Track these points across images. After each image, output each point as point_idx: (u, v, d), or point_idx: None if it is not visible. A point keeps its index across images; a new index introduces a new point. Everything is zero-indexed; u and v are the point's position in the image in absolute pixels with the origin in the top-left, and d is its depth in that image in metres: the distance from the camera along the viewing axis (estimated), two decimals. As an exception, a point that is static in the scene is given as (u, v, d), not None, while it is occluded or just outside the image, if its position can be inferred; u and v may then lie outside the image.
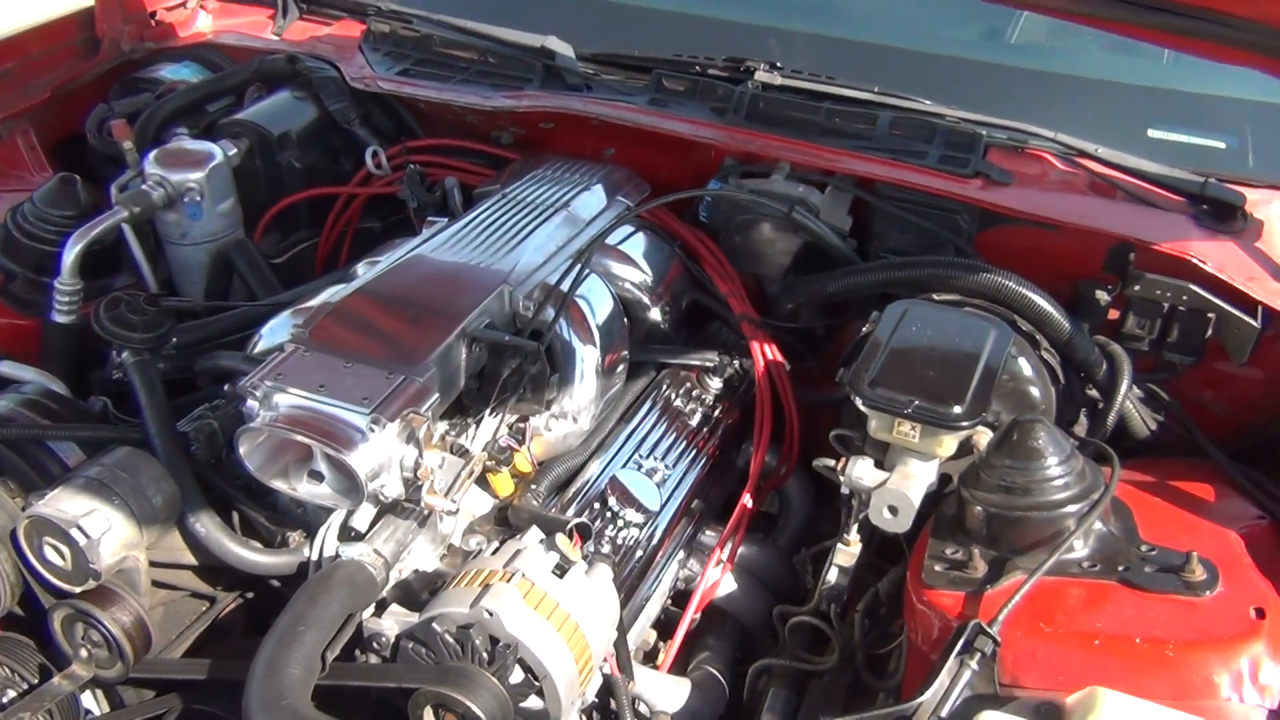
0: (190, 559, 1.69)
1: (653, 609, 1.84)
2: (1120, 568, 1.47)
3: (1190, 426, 1.89)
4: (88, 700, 1.76)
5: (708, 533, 1.96)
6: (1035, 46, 2.34)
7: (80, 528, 1.48)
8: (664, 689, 1.73)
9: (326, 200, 2.38)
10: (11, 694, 1.73)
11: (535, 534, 1.52)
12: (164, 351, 1.81)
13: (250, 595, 1.80)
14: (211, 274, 2.19)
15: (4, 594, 1.61)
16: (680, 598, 1.91)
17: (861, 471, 1.64)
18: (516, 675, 1.38)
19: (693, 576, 1.91)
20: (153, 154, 2.14)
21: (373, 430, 1.49)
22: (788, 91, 2.17)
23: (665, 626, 1.89)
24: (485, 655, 1.37)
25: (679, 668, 1.87)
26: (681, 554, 1.91)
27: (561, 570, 1.46)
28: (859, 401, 1.63)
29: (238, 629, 1.78)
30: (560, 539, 1.49)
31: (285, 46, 2.56)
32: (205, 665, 1.59)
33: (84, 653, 1.58)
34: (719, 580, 1.90)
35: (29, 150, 2.39)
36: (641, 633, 1.83)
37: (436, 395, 1.59)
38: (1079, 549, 1.50)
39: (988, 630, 1.38)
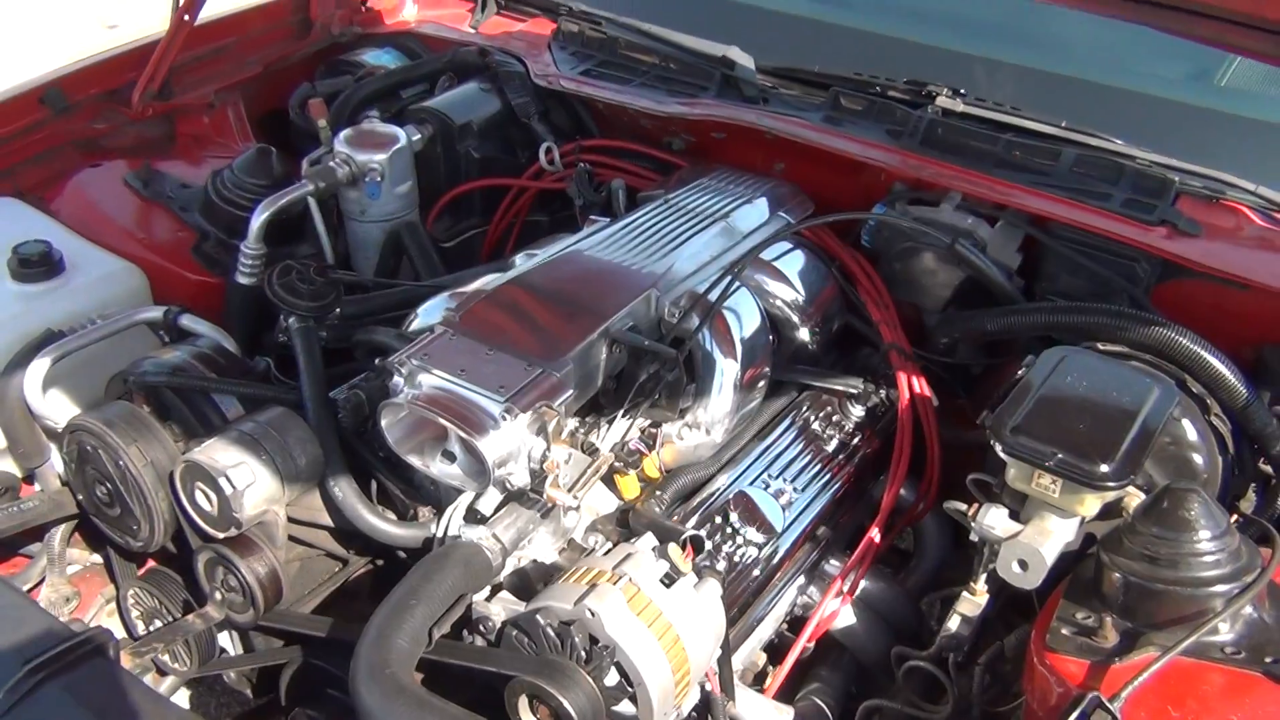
0: (327, 520, 1.77)
1: (765, 631, 1.82)
2: (1268, 659, 1.37)
3: (1372, 514, 1.73)
4: (224, 640, 1.88)
5: (832, 562, 1.92)
6: (1246, 91, 2.19)
7: (228, 477, 1.58)
8: (764, 713, 1.70)
9: (499, 190, 2.46)
10: (158, 624, 1.86)
11: (649, 540, 1.52)
12: (328, 320, 1.91)
13: (380, 563, 1.88)
14: (384, 251, 2.30)
15: (159, 530, 1.74)
16: (797, 624, 1.88)
17: (994, 520, 1.57)
18: (612, 678, 1.39)
19: (811, 604, 1.87)
20: (343, 133, 2.25)
21: (505, 419, 1.52)
22: (968, 119, 2.11)
23: (778, 651, 1.87)
24: (584, 653, 1.38)
25: (787, 695, 1.84)
26: (802, 580, 1.88)
27: (670, 580, 1.46)
28: (999, 447, 1.56)
29: (365, 593, 1.86)
30: (672, 548, 1.49)
31: (479, 40, 2.66)
32: (327, 624, 1.67)
33: (219, 595, 1.68)
34: (837, 611, 1.86)
35: (237, 121, 2.57)
36: (751, 654, 1.81)
37: (571, 391, 1.62)
38: (1224, 632, 1.39)
39: (1107, 705, 1.30)
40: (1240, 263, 1.85)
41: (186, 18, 2.34)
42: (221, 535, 1.64)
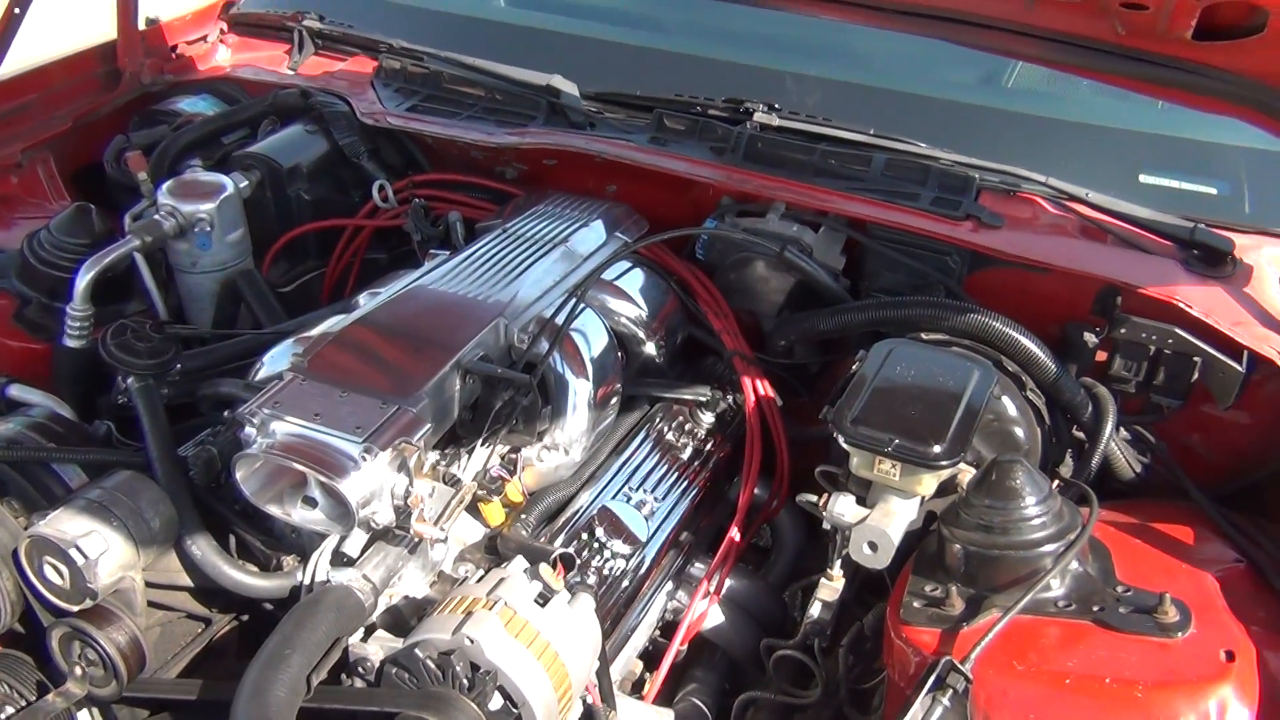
0: (187, 581, 1.73)
1: (639, 639, 1.87)
2: (1095, 608, 1.50)
3: (1174, 468, 1.91)
4: (84, 718, 1.80)
5: (697, 565, 1.99)
6: (1030, 91, 2.37)
7: (79, 548, 1.52)
8: (646, 719, 1.75)
9: (334, 232, 2.44)
10: (10, 710, 1.77)
11: (520, 563, 1.55)
12: (168, 377, 1.86)
13: (245, 618, 1.84)
14: (220, 302, 2.25)
15: (5, 611, 1.65)
16: (669, 629, 1.94)
17: (843, 508, 1.67)
18: (496, 702, 1.41)
19: (681, 608, 1.93)
20: (166, 185, 2.20)
21: (365, 459, 1.52)
22: (785, 132, 2.22)
23: (653, 657, 1.92)
24: (465, 681, 1.40)
25: (665, 699, 1.89)
26: (670, 585, 1.94)
27: (544, 599, 1.49)
28: (841, 439, 1.66)
29: (232, 651, 1.82)
30: (544, 568, 1.52)
31: (300, 81, 2.62)
32: (197, 686, 1.63)
33: (78, 670, 1.62)
34: (706, 612, 1.93)
35: (48, 179, 2.47)
36: (628, 663, 1.86)
37: (429, 425, 1.63)
38: (1055, 588, 1.52)
39: (960, 667, 1.40)
40: (1040, 249, 2.00)
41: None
42: (76, 608, 1.58)
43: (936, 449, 1.61)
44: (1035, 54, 1.69)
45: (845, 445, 1.66)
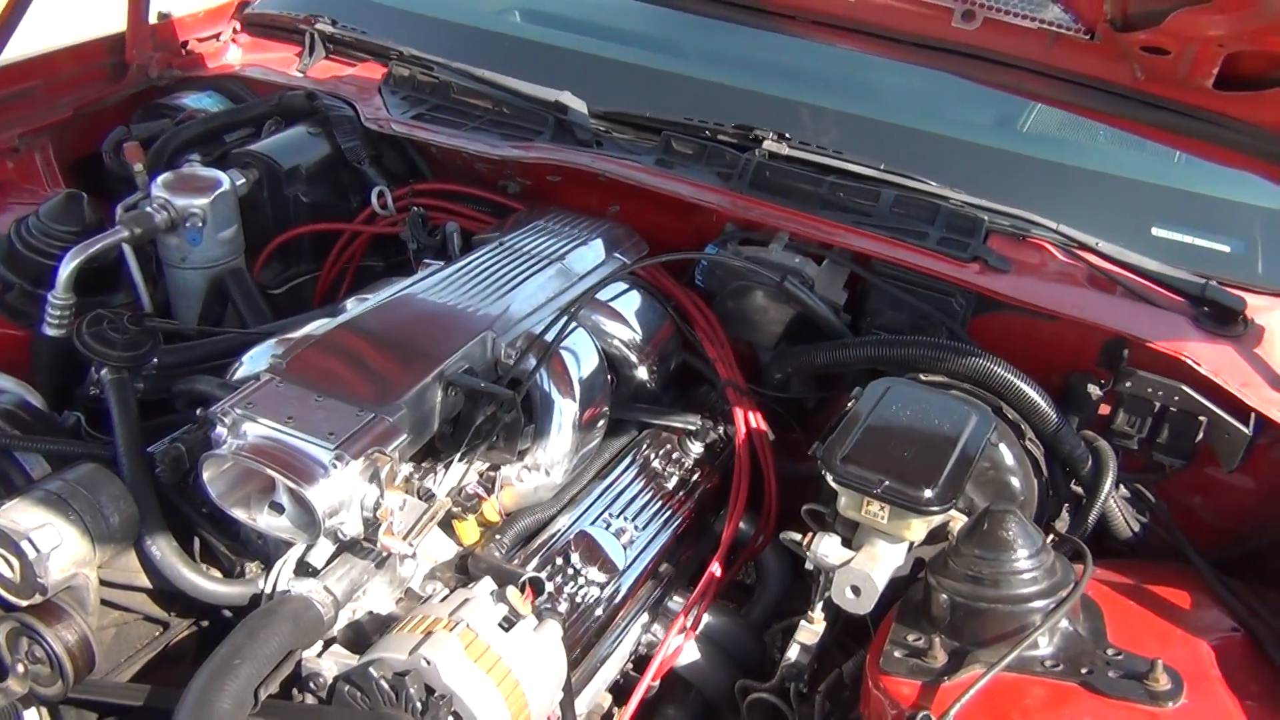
0: (145, 582, 1.68)
1: (609, 672, 1.80)
2: (1083, 670, 1.44)
3: (1173, 530, 1.85)
4: (30, 718, 1.74)
5: (675, 598, 1.93)
6: (1046, 137, 2.33)
7: (30, 540, 1.47)
8: (610, 756, 1.69)
9: (331, 236, 2.40)
10: (-48, 705, 1.71)
11: (487, 584, 1.49)
12: (144, 371, 1.82)
13: (204, 624, 1.78)
14: (207, 299, 2.21)
15: (-46, 602, 1.60)
16: (642, 663, 1.87)
17: (827, 549, 1.61)
18: (449, 728, 1.35)
19: (656, 642, 1.87)
20: (161, 177, 2.17)
21: (335, 466, 1.47)
22: (794, 162, 2.18)
23: (624, 691, 1.85)
24: (419, 704, 1.34)
25: (634, 735, 1.82)
26: (645, 618, 1.88)
27: (509, 623, 1.44)
28: (829, 477, 1.60)
29: (189, 657, 1.76)
30: (511, 592, 1.46)
31: (307, 84, 2.59)
32: (144, 691, 1.56)
33: (21, 668, 1.56)
34: (681, 648, 1.86)
35: (45, 166, 2.44)
36: (596, 695, 1.79)
37: (405, 436, 1.58)
38: (1043, 646, 1.46)
39: (937, 723, 1.34)
40: (1047, 296, 1.95)
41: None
42: (25, 603, 1.52)
43: (928, 493, 1.56)
44: (1053, 95, 1.65)
45: (833, 484, 1.61)
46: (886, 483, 1.57)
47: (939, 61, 1.78)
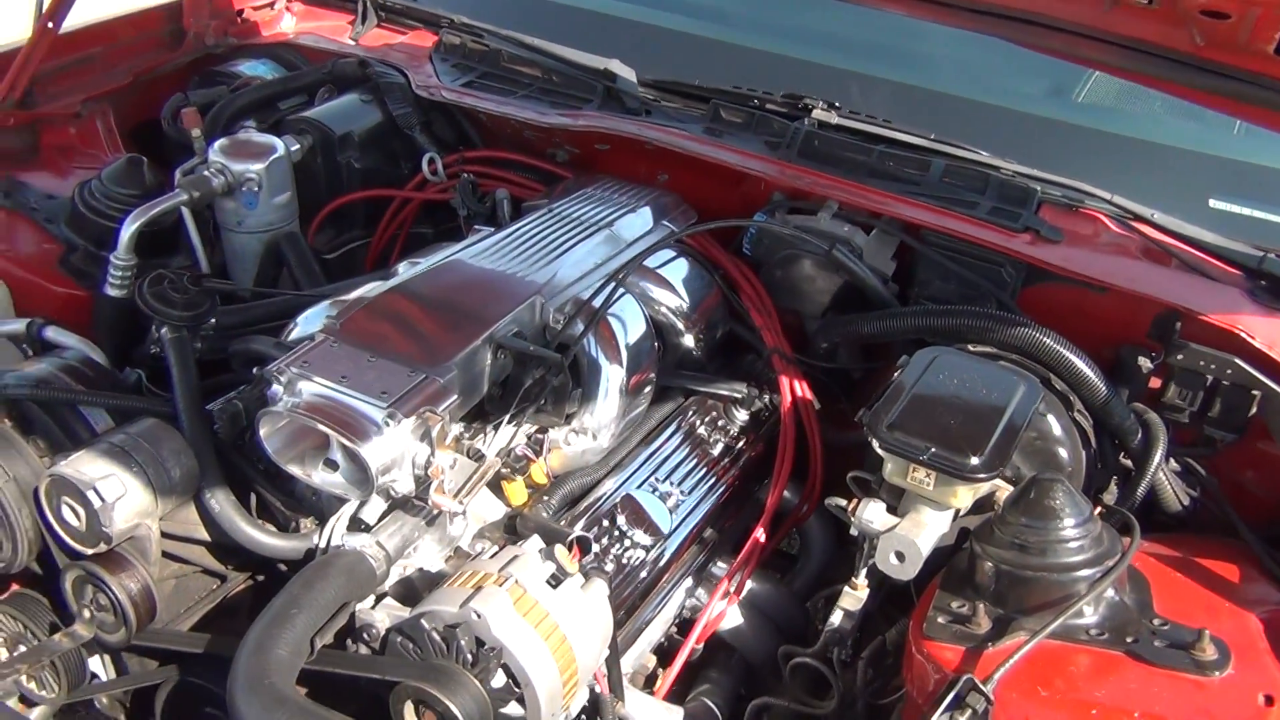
0: (204, 535, 1.72)
1: (654, 633, 1.83)
2: (1129, 639, 1.43)
3: (1224, 504, 1.83)
4: (95, 665, 1.80)
5: (719, 564, 1.94)
6: (1101, 107, 2.30)
7: (96, 490, 1.52)
8: (654, 715, 1.71)
9: (383, 202, 2.43)
10: (23, 649, 1.77)
11: (536, 542, 1.52)
12: (202, 331, 1.86)
13: (260, 578, 1.83)
14: (263, 263, 2.25)
15: (23, 550, 1.66)
16: (686, 626, 1.89)
17: (872, 515, 1.62)
18: (499, 680, 1.38)
19: (699, 606, 1.89)
20: (218, 143, 2.20)
21: (388, 424, 1.50)
22: (843, 131, 2.17)
23: (668, 653, 1.88)
24: (470, 656, 1.37)
25: (677, 696, 1.85)
26: (689, 582, 1.90)
27: (556, 581, 1.46)
28: (875, 443, 1.61)
29: (245, 609, 1.81)
30: (559, 550, 1.49)
31: (360, 51, 2.62)
32: (204, 640, 1.62)
33: (87, 614, 1.61)
34: (725, 612, 1.88)
35: (106, 132, 2.49)
36: (641, 656, 1.82)
37: (456, 397, 1.61)
38: (1088, 615, 1.46)
39: (981, 687, 1.34)
40: (1099, 267, 1.93)
41: (50, 25, 2.26)
42: (90, 551, 1.58)
43: (974, 461, 1.56)
44: (1108, 61, 1.62)
45: (880, 450, 1.61)
46: (933, 449, 1.57)
47: (991, 26, 1.75)
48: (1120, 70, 1.71)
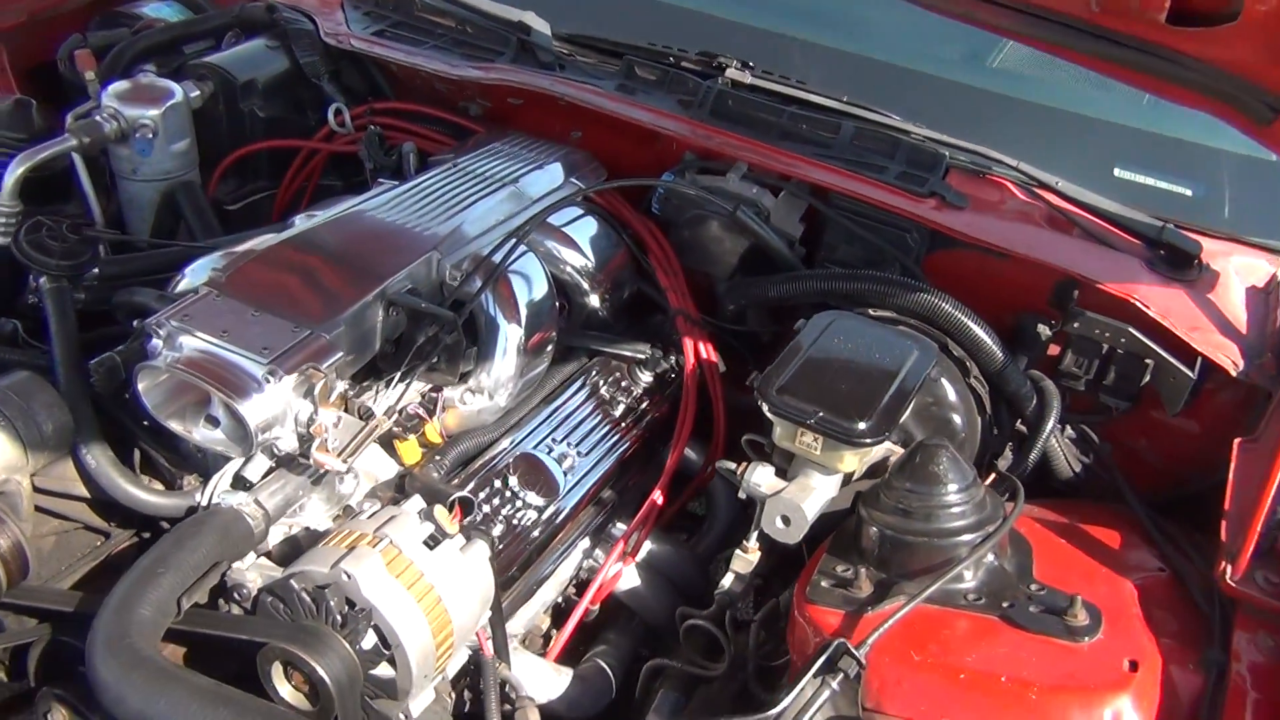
0: (83, 491, 1.68)
1: (548, 594, 1.82)
2: (1004, 604, 1.45)
3: (1113, 470, 1.86)
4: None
5: (619, 525, 1.93)
6: (1013, 73, 2.29)
7: (-41, 445, 1.47)
8: (541, 676, 1.70)
9: (288, 153, 2.37)
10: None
11: (416, 502, 1.49)
12: (85, 281, 1.80)
13: (146, 535, 1.78)
14: (160, 213, 2.18)
15: (-115, 505, 1.60)
16: (584, 588, 1.89)
17: (760, 478, 1.62)
18: (369, 641, 1.36)
19: (596, 567, 1.88)
20: (112, 87, 2.13)
21: (268, 381, 1.47)
22: (756, 91, 2.14)
23: (564, 614, 1.87)
24: (339, 617, 1.34)
25: (573, 658, 1.84)
26: (587, 543, 1.89)
27: (435, 541, 1.44)
28: (765, 406, 1.60)
29: (128, 566, 1.76)
30: (438, 510, 1.47)
31: (270, -4, 2.54)
32: (76, 598, 1.57)
33: (-51, 571, 1.56)
34: (621, 573, 1.88)
35: (-1, 72, 2.39)
36: (534, 617, 1.81)
37: (342, 354, 1.57)
38: (968, 580, 1.47)
39: (853, 651, 1.35)
40: (1002, 234, 1.93)
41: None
42: (-44, 507, 1.53)
43: (861, 425, 1.56)
44: (1009, 26, 1.61)
45: (768, 413, 1.61)
46: (820, 414, 1.57)
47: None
48: (1016, 34, 1.70)
